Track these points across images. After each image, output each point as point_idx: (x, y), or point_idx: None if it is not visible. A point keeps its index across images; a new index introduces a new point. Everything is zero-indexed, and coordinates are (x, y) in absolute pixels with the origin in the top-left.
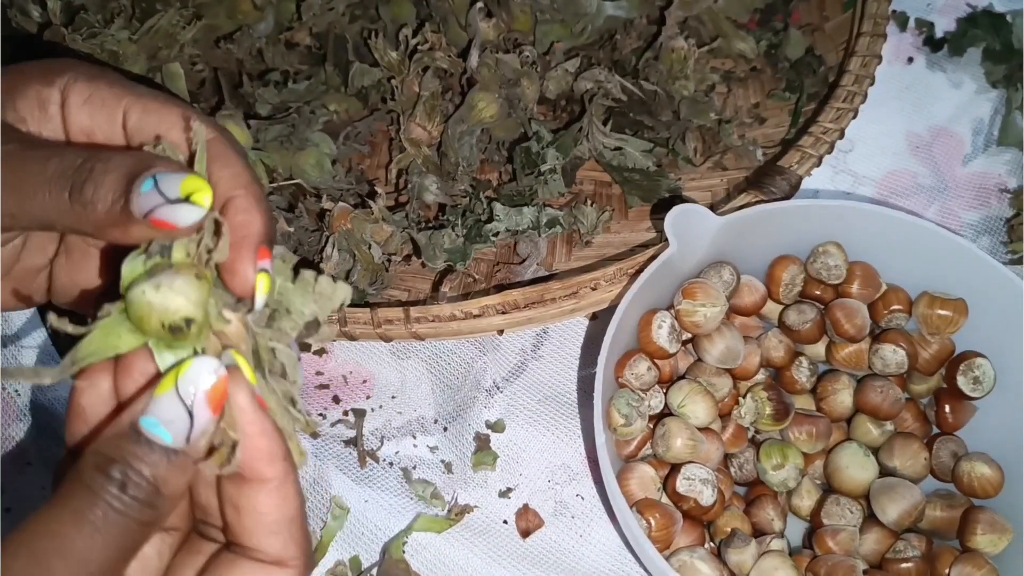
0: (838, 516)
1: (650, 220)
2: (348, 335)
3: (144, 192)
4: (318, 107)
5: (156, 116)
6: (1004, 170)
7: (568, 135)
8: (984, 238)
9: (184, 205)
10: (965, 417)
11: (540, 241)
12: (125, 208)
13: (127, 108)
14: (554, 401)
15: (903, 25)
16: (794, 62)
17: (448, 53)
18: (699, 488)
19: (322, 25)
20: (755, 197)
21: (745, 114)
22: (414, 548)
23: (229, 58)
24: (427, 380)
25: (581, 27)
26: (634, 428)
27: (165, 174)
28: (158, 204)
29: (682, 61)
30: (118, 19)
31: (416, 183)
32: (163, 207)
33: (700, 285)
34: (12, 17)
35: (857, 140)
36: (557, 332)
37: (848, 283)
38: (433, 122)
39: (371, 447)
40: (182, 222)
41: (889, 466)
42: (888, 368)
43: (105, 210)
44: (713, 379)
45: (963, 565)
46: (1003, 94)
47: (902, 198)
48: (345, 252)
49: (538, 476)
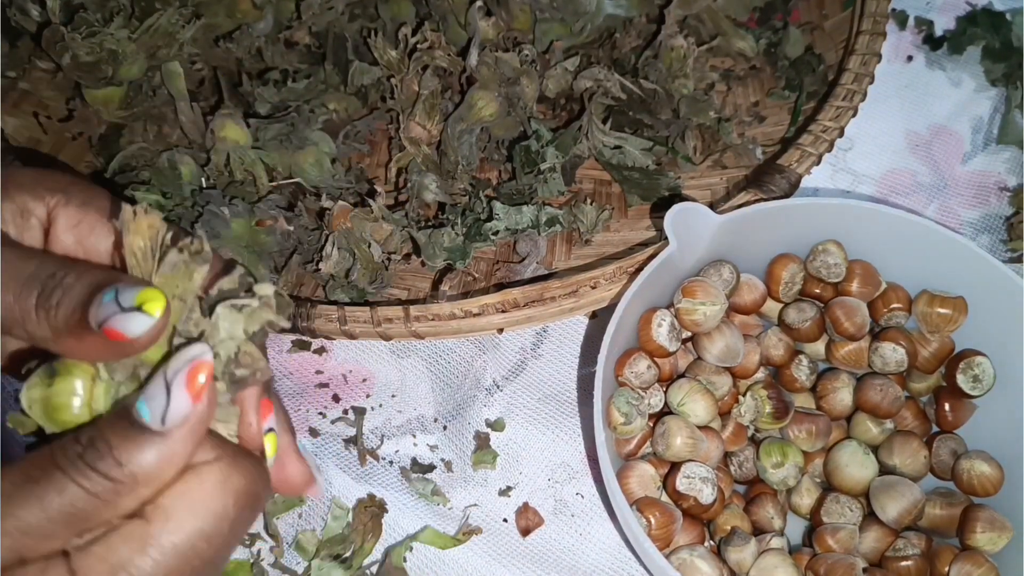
0: (838, 514)
1: (650, 219)
2: (348, 334)
3: (104, 303)
4: (318, 106)
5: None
6: (1003, 168)
7: (568, 134)
8: (983, 236)
9: (135, 314)
10: (965, 415)
11: (540, 240)
12: (83, 317)
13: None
14: (554, 400)
15: (903, 23)
16: (793, 60)
17: (447, 52)
18: (699, 486)
19: (321, 24)
20: (755, 195)
21: (745, 112)
22: (414, 544)
23: (228, 57)
24: (427, 379)
25: (580, 26)
26: (634, 426)
27: (125, 286)
28: (112, 313)
29: (681, 60)
30: (117, 18)
31: (416, 182)
32: (116, 316)
33: (700, 284)
34: (12, 16)
35: (857, 138)
36: (557, 331)
37: (848, 281)
38: (433, 121)
39: (371, 445)
40: (132, 330)
41: (889, 464)
42: (888, 366)
43: (65, 317)
44: (713, 377)
45: (963, 563)
46: (1002, 92)
47: (902, 196)
48: (345, 251)
49: (538, 474)
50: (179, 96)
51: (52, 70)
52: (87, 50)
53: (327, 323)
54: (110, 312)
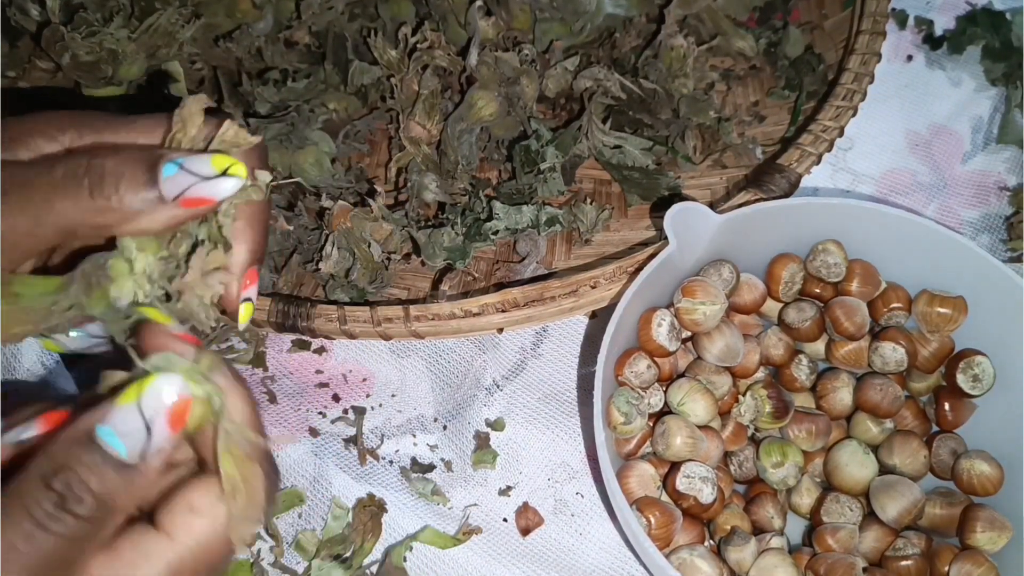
0: (838, 514)
1: (649, 218)
2: (348, 333)
3: (169, 176)
4: (317, 106)
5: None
6: (1003, 168)
7: (567, 133)
8: (983, 236)
9: (223, 178)
10: (964, 415)
11: (539, 239)
12: (156, 194)
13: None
14: (554, 399)
15: (902, 23)
16: (793, 60)
17: (447, 51)
18: (699, 486)
19: (321, 24)
20: (755, 195)
21: (744, 112)
22: (414, 543)
23: (228, 57)
24: (427, 378)
25: (580, 25)
26: (634, 426)
27: (190, 157)
28: (191, 183)
29: (681, 59)
30: (117, 17)
31: (415, 181)
32: (198, 185)
33: (700, 283)
34: (12, 16)
35: (856, 138)
36: (557, 330)
37: (848, 281)
38: (432, 120)
39: (371, 445)
40: (223, 193)
41: (889, 464)
42: (888, 366)
43: (134, 200)
44: (713, 377)
45: (962, 563)
46: (1002, 92)
47: (901, 196)
48: (345, 250)
49: (538, 474)
50: (179, 96)
51: (52, 70)
52: (87, 50)
53: (327, 323)
54: (187, 183)
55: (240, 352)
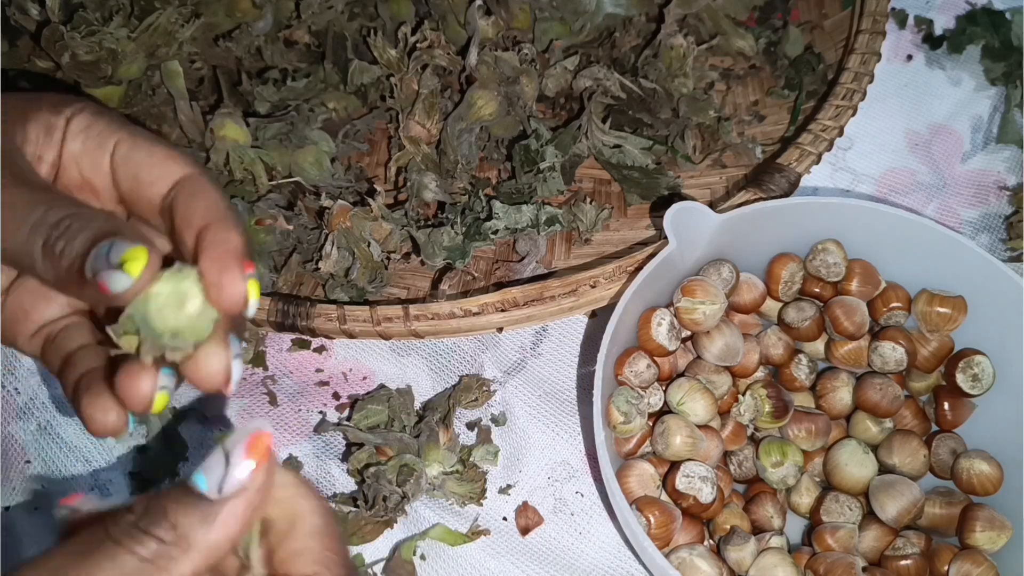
0: (837, 513)
1: (649, 218)
2: (347, 333)
3: (99, 255)
4: (317, 105)
5: (143, 151)
6: (1003, 167)
7: (567, 133)
8: (983, 235)
9: (117, 272)
10: (964, 414)
11: (539, 239)
12: (81, 268)
13: (118, 141)
14: (553, 398)
15: (902, 23)
16: (793, 60)
17: (447, 51)
18: (698, 485)
19: (321, 23)
20: (754, 195)
21: (744, 112)
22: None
23: (228, 56)
24: (427, 377)
25: (580, 25)
26: (633, 426)
27: (120, 240)
28: (103, 268)
29: (681, 59)
30: (117, 17)
31: (415, 181)
32: (104, 271)
33: (699, 283)
34: (11, 15)
35: (856, 138)
36: (556, 330)
37: (847, 281)
38: (432, 120)
39: None
40: (113, 287)
41: (888, 463)
42: (887, 366)
43: (66, 266)
44: (712, 377)
45: (962, 562)
46: (1002, 91)
47: (901, 196)
48: (344, 250)
49: (538, 473)
50: (178, 95)
51: (51, 69)
52: (86, 49)
53: (327, 322)
54: (101, 266)
55: (240, 352)
